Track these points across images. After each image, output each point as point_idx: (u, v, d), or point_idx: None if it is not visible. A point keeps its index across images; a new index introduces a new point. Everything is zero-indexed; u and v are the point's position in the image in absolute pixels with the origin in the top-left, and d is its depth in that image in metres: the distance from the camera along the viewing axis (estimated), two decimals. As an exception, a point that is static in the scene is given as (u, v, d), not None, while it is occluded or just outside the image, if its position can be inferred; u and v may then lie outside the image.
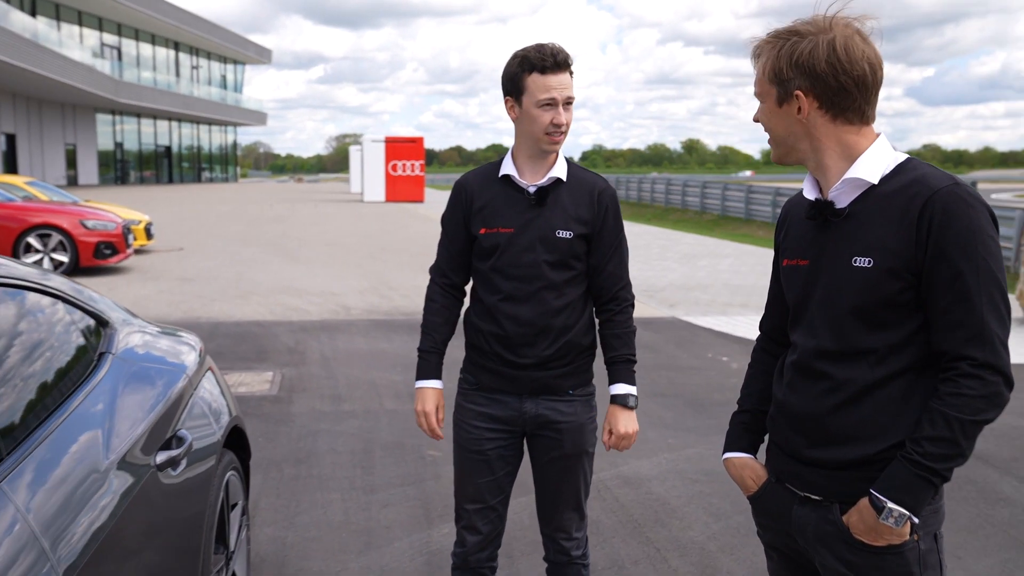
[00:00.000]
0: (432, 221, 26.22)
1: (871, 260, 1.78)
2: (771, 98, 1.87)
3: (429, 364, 2.82)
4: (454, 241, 2.80)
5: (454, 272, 2.83)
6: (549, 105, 2.60)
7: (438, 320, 2.83)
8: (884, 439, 1.80)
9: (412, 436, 5.71)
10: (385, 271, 14.21)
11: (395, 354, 8.15)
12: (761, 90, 1.89)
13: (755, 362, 2.18)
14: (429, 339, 2.83)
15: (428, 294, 2.87)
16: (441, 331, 2.83)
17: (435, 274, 2.87)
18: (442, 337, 2.84)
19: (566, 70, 2.61)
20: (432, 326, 2.83)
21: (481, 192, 2.74)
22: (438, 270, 2.86)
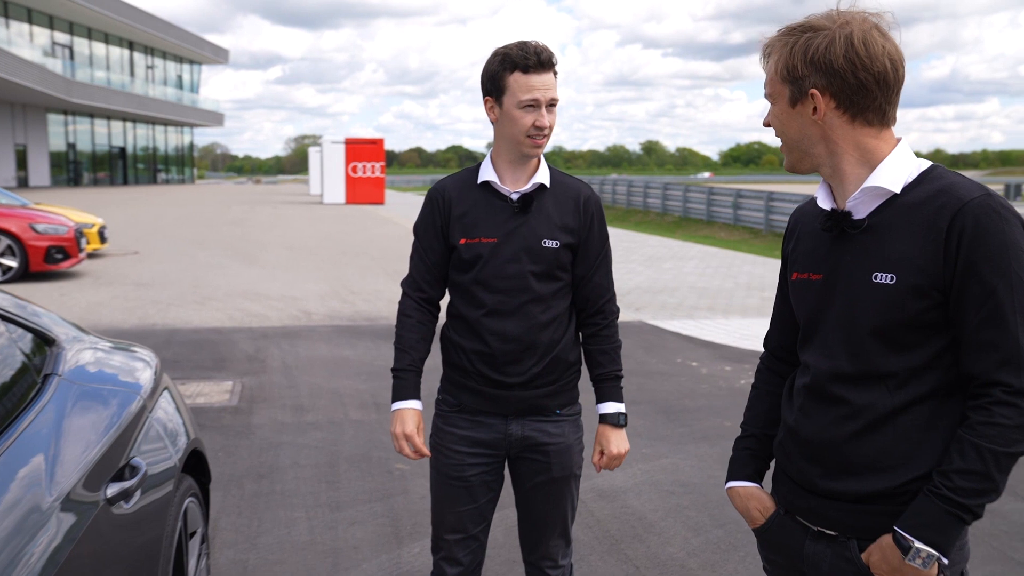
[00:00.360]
0: (393, 224, 25.96)
1: (894, 276, 1.64)
2: (783, 98, 1.72)
3: (407, 383, 2.63)
4: (430, 252, 2.63)
5: (430, 285, 2.66)
6: (531, 106, 2.45)
7: (414, 337, 2.65)
8: (907, 470, 1.66)
9: (378, 448, 5.52)
10: (347, 275, 13.96)
11: (359, 361, 7.94)
12: (772, 90, 1.75)
13: (760, 382, 2.03)
14: (406, 357, 2.64)
15: (402, 309, 2.69)
16: (418, 348, 2.66)
17: (409, 288, 2.69)
18: (419, 355, 2.66)
19: (550, 70, 2.46)
20: (408, 343, 2.65)
21: (460, 199, 2.57)
22: (412, 284, 2.68)
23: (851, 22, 1.65)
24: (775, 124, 1.76)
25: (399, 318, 2.68)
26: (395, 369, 2.64)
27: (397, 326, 2.67)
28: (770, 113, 1.77)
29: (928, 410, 1.65)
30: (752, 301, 11.70)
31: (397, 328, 2.67)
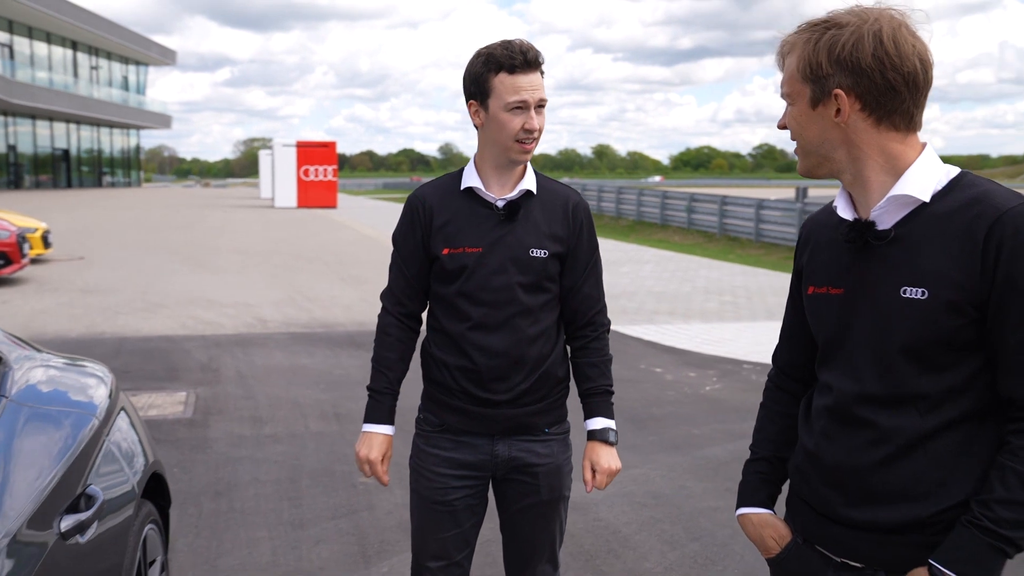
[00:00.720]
0: (347, 228, 25.65)
1: (925, 291, 1.53)
2: (803, 99, 1.61)
3: (381, 406, 2.49)
4: (410, 263, 2.48)
5: (410, 299, 2.51)
6: (519, 108, 2.32)
7: (393, 356, 2.50)
8: (941, 498, 1.55)
9: (341, 462, 5.34)
10: (302, 281, 13.70)
11: (317, 370, 7.73)
12: (791, 90, 1.63)
13: (769, 401, 1.92)
14: (383, 378, 2.50)
15: (381, 325, 2.54)
16: (396, 368, 2.51)
17: (388, 302, 2.54)
18: (397, 376, 2.52)
19: (537, 69, 2.33)
20: (385, 362, 2.50)
21: (442, 207, 2.43)
22: (392, 297, 2.53)
23: (879, 18, 1.55)
24: (792, 126, 1.65)
25: (378, 335, 2.53)
26: (371, 389, 2.51)
27: (376, 343, 2.53)
28: (787, 114, 1.66)
29: (962, 434, 1.55)
30: (711, 305, 11.69)
31: (376, 345, 2.53)
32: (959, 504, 1.54)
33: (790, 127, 1.66)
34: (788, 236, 20.40)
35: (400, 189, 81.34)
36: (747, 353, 8.73)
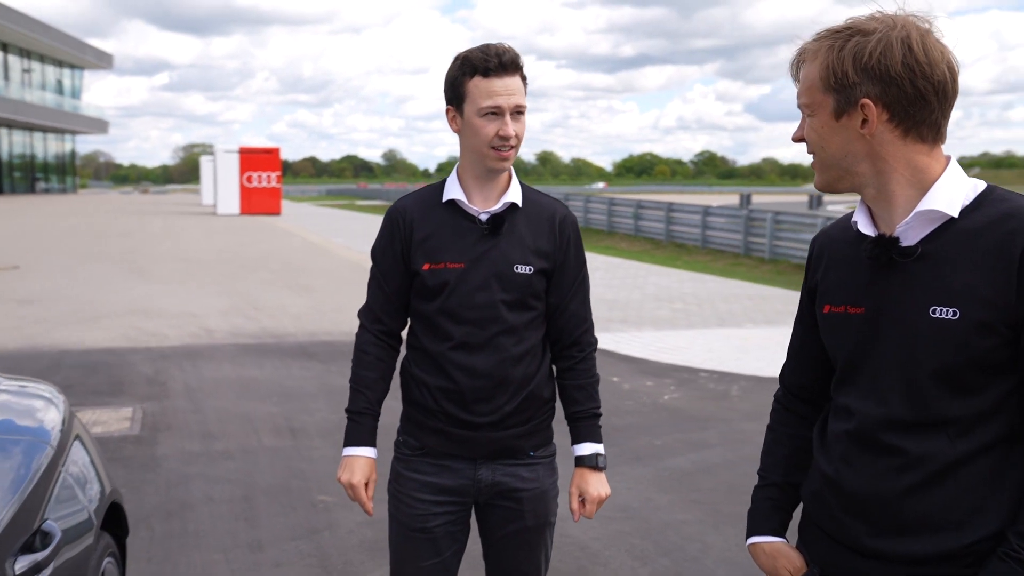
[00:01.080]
0: (293, 235, 25.27)
1: (956, 311, 1.46)
2: (825, 110, 1.53)
3: (362, 428, 2.37)
4: (390, 279, 2.37)
5: (390, 316, 2.39)
6: (494, 114, 2.21)
7: (372, 375, 2.39)
8: (975, 529, 1.48)
9: (298, 478, 5.18)
10: (248, 289, 13.41)
11: (269, 382, 7.53)
12: (811, 100, 1.55)
13: (777, 424, 1.84)
14: (362, 398, 2.38)
15: (359, 344, 2.42)
16: (376, 388, 2.39)
17: (366, 319, 2.42)
18: (377, 396, 2.40)
19: (515, 73, 2.22)
20: (365, 382, 2.38)
21: (423, 220, 2.32)
22: (370, 314, 2.41)
23: (906, 25, 1.48)
24: (812, 139, 1.57)
25: (356, 354, 2.41)
26: (350, 411, 2.38)
27: (354, 362, 2.41)
28: (807, 126, 1.58)
29: (993, 460, 1.49)
30: (663, 312, 11.71)
31: (354, 365, 2.41)
32: (993, 535, 1.48)
33: (809, 139, 1.58)
34: (734, 242, 20.60)
35: (344, 196, 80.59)
36: (702, 361, 8.73)
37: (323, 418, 6.46)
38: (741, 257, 19.79)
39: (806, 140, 1.59)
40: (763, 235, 19.49)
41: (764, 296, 13.43)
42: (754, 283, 15.28)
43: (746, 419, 6.60)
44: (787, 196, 76.10)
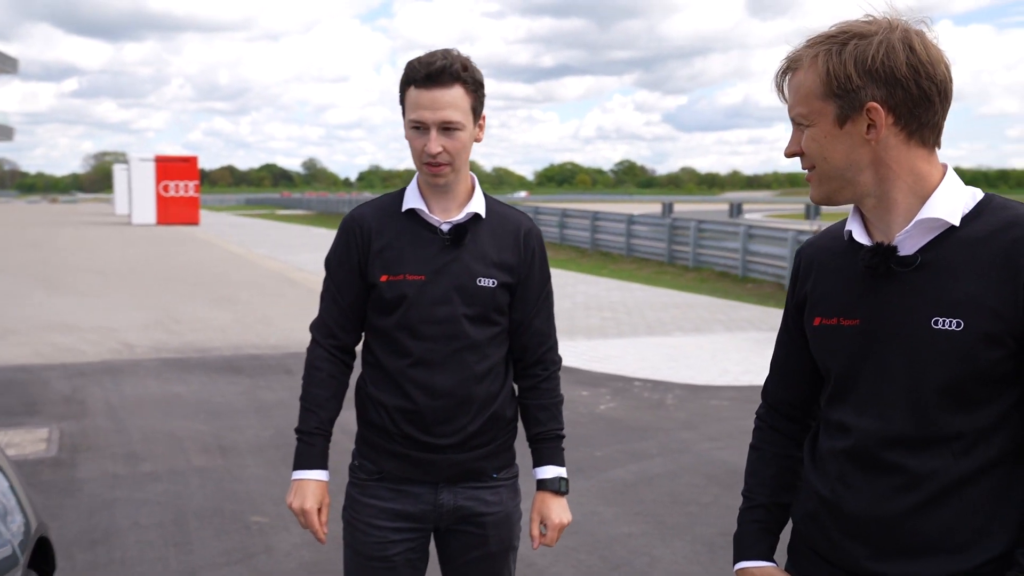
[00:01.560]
0: (214, 246, 24.69)
1: (960, 322, 1.41)
2: (827, 118, 1.47)
3: (312, 449, 2.23)
4: (345, 292, 2.24)
5: (343, 330, 2.27)
6: (417, 128, 2.11)
7: (324, 393, 2.25)
8: (981, 550, 1.43)
9: (231, 500, 4.97)
10: (168, 302, 13.00)
11: (195, 398, 7.27)
12: (809, 109, 1.49)
13: (762, 442, 1.77)
14: (313, 418, 2.24)
15: (310, 360, 2.29)
16: (328, 407, 2.25)
17: (319, 333, 2.29)
18: (329, 415, 2.26)
19: (448, 84, 2.08)
20: (316, 401, 2.25)
21: (381, 230, 2.20)
22: (323, 328, 2.29)
23: (899, 26, 1.43)
24: (812, 150, 1.50)
25: (307, 370, 2.28)
26: (300, 431, 2.25)
27: (304, 379, 2.28)
28: (805, 138, 1.51)
29: (998, 478, 1.44)
30: (593, 321, 11.72)
31: (304, 382, 2.28)
32: (1000, 556, 1.43)
33: (808, 151, 1.51)
34: (658, 251, 20.81)
35: (264, 205, 79.23)
36: (636, 370, 8.73)
37: (254, 435, 6.25)
38: (665, 265, 20.00)
39: (803, 153, 1.52)
40: (687, 243, 19.73)
41: (691, 304, 13.57)
42: (680, 291, 15.44)
43: (683, 428, 6.60)
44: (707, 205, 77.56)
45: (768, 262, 16.68)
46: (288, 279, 16.58)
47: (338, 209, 53.61)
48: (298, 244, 26.09)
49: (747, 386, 8.00)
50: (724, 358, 9.31)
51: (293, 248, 24.44)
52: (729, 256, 18.10)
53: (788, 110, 1.53)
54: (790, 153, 1.54)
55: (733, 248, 17.93)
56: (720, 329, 11.22)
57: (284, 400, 7.18)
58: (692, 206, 71.55)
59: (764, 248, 16.90)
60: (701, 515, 4.84)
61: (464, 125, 2.11)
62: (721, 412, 7.08)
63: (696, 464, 5.73)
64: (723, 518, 4.77)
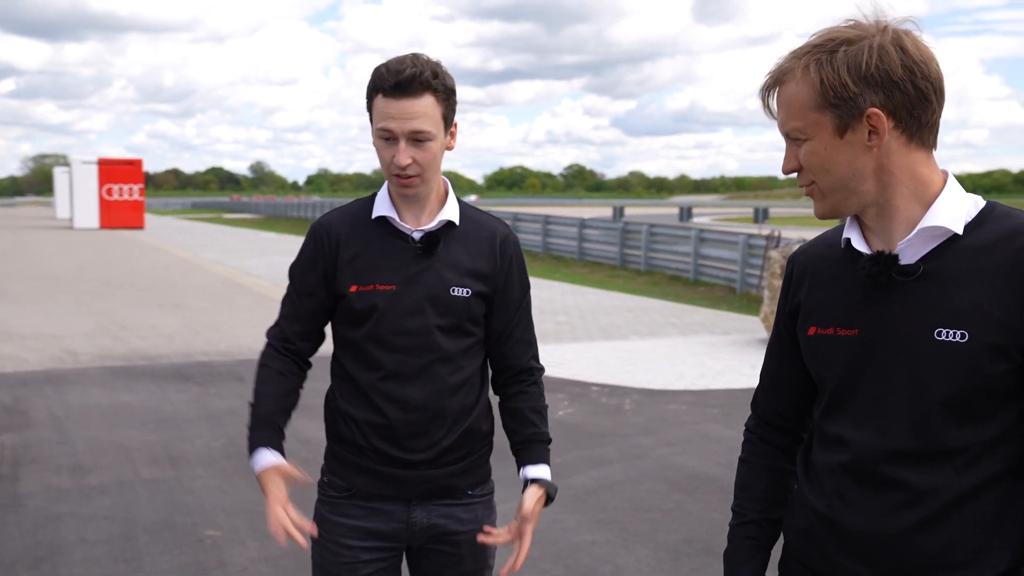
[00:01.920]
0: (160, 251, 24.23)
1: (965, 333, 1.38)
2: (826, 129, 1.42)
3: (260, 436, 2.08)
4: (305, 300, 2.15)
5: (300, 339, 2.17)
6: (388, 139, 2.02)
7: (270, 389, 2.12)
8: (984, 568, 1.39)
9: (182, 512, 4.82)
10: (114, 308, 12.68)
11: (143, 408, 7.06)
12: (805, 123, 1.43)
13: (752, 455, 1.72)
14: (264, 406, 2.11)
15: (262, 359, 2.19)
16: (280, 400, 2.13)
17: (274, 338, 2.19)
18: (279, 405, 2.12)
19: (415, 94, 1.98)
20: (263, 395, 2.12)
21: (350, 238, 2.11)
22: (279, 336, 2.19)
23: (887, 28, 1.40)
24: (813, 163, 1.45)
25: (258, 371, 2.18)
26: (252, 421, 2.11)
27: (256, 379, 2.17)
28: (801, 153, 1.46)
29: (1000, 493, 1.41)
30: (548, 326, 11.68)
31: (256, 383, 2.17)
32: (1005, 573, 1.40)
33: (808, 165, 1.46)
34: (610, 255, 20.88)
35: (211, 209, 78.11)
36: (592, 375, 8.71)
37: (205, 445, 6.09)
38: (618, 269, 20.06)
39: (803, 168, 1.47)
40: (639, 247, 19.81)
41: (644, 308, 13.61)
42: (633, 295, 15.49)
43: (642, 434, 6.58)
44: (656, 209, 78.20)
45: (720, 265, 16.81)
46: (238, 284, 16.30)
47: (286, 213, 52.99)
48: (247, 249, 25.71)
49: (703, 390, 8.01)
50: (680, 362, 9.33)
51: (242, 253, 24.06)
52: (681, 260, 18.22)
53: (780, 125, 1.48)
54: (788, 170, 1.49)
55: (685, 252, 18.05)
56: (674, 333, 11.25)
57: (236, 408, 7.02)
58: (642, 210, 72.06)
59: (715, 252, 17.03)
60: (664, 522, 4.81)
61: (434, 135, 2.02)
62: (679, 417, 7.07)
63: (656, 470, 5.70)
64: (686, 525, 4.75)
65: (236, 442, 6.10)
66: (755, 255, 15.40)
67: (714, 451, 6.10)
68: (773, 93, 1.48)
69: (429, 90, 1.99)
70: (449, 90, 2.04)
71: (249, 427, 2.12)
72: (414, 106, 1.98)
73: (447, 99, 2.04)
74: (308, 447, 5.41)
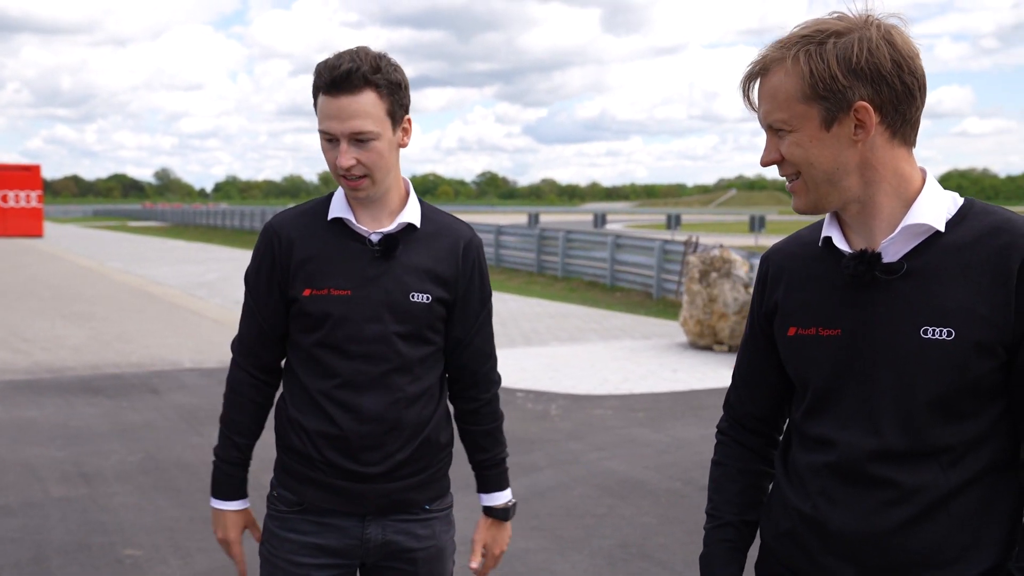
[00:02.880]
0: (61, 259, 23.31)
1: (951, 331, 1.36)
2: (812, 121, 1.40)
3: (232, 480, 2.07)
4: (264, 307, 2.05)
5: (266, 349, 2.08)
6: (331, 141, 1.93)
7: (245, 420, 2.08)
8: (970, 565, 1.39)
9: (98, 532, 4.59)
10: (13, 320, 12.11)
11: (50, 423, 6.73)
12: (791, 114, 1.41)
13: (726, 458, 1.68)
14: (232, 445, 2.07)
15: (231, 382, 2.09)
16: (248, 434, 2.09)
17: (239, 353, 2.10)
18: (249, 442, 2.09)
19: (355, 91, 1.87)
20: (237, 427, 2.07)
21: (304, 240, 2.01)
22: (243, 348, 2.09)
23: (874, 22, 1.38)
24: (797, 156, 1.42)
25: (227, 394, 2.10)
26: (220, 458, 2.08)
27: (225, 403, 2.10)
28: (783, 145, 1.43)
29: (984, 490, 1.40)
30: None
31: (224, 405, 2.10)
32: (989, 570, 1.39)
33: (792, 158, 1.43)
34: (528, 261, 20.91)
35: (115, 216, 75.72)
36: (516, 381, 8.66)
37: (120, 460, 5.83)
38: (535, 275, 20.11)
39: (785, 160, 1.44)
40: (555, 253, 19.90)
41: (564, 314, 13.65)
42: (552, 301, 15.53)
43: (570, 439, 6.56)
44: (570, 216, 78.86)
45: (636, 271, 16.99)
46: (147, 293, 15.77)
47: (195, 221, 51.69)
48: (155, 257, 24.94)
49: (628, 394, 8.06)
50: (602, 367, 9.37)
51: (150, 261, 23.34)
52: (598, 266, 18.36)
53: (762, 117, 1.45)
54: (767, 161, 1.46)
55: (601, 258, 18.19)
56: (595, 338, 11.31)
57: (152, 421, 6.75)
58: (556, 217, 72.59)
59: (632, 257, 17.22)
60: (597, 527, 4.78)
61: (378, 134, 1.91)
62: (606, 421, 7.09)
63: (587, 475, 5.68)
64: (619, 530, 4.73)
65: (154, 456, 5.87)
66: (671, 260, 15.62)
67: (642, 455, 6.11)
68: (755, 84, 1.45)
69: (370, 86, 1.89)
70: (394, 84, 1.93)
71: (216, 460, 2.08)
72: (352, 104, 1.88)
73: (392, 94, 1.93)
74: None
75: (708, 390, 8.12)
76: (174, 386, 8.06)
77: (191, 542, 4.44)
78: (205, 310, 13.68)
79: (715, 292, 10.23)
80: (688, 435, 6.61)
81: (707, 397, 7.81)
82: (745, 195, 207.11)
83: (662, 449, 6.28)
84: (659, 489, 5.40)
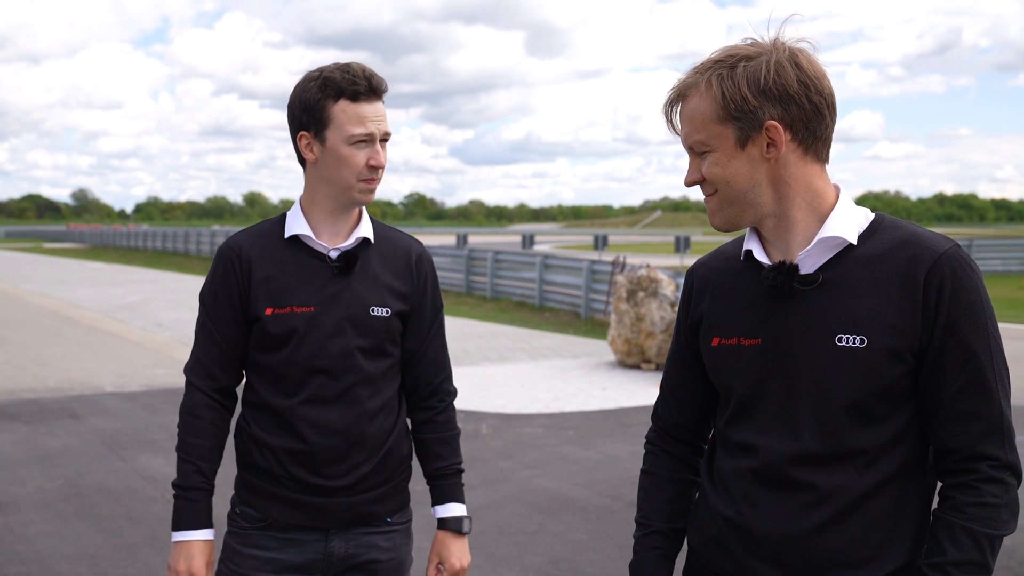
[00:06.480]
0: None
1: (864, 338, 1.44)
2: (727, 141, 1.47)
3: (196, 506, 2.03)
4: (223, 328, 2.05)
5: (224, 371, 2.08)
6: (364, 142, 2.00)
7: (204, 444, 2.06)
8: (881, 563, 1.46)
9: (15, 562, 4.45)
10: (-78, 344, 11.65)
11: (-37, 451, 6.50)
12: (708, 135, 1.48)
13: (655, 467, 1.73)
14: (194, 471, 2.04)
15: (187, 406, 2.08)
16: (210, 459, 2.07)
17: (195, 376, 2.09)
18: (210, 466, 2.07)
19: (381, 97, 2.04)
20: (197, 452, 2.05)
21: (263, 259, 2.04)
22: (200, 369, 2.08)
23: (782, 46, 1.47)
24: (715, 175, 1.50)
25: (184, 418, 2.08)
26: (179, 487, 2.04)
27: (181, 428, 2.07)
28: (704, 165, 1.50)
29: (896, 491, 1.48)
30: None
31: (181, 431, 2.07)
32: (902, 568, 1.46)
33: (711, 177, 1.51)
34: (456, 281, 20.93)
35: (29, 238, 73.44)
36: (447, 400, 8.66)
37: (38, 487, 5.65)
38: (464, 295, 20.14)
39: (706, 180, 1.52)
40: (484, 274, 19.96)
41: (493, 333, 13.69)
42: (481, 321, 15.57)
43: (501, 458, 6.59)
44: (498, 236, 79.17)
45: (564, 291, 17.14)
46: (64, 316, 15.33)
47: (114, 242, 50.45)
48: (72, 280, 24.27)
49: (557, 413, 8.12)
50: (533, 386, 9.42)
51: (67, 284, 22.70)
52: (526, 286, 18.47)
53: (684, 139, 1.53)
54: (690, 181, 1.54)
55: (530, 278, 18.31)
56: (525, 358, 11.37)
57: (71, 447, 6.56)
58: (485, 238, 72.75)
59: (560, 277, 17.36)
60: (528, 544, 4.81)
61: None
62: (536, 440, 7.13)
63: (517, 493, 5.71)
64: (550, 546, 4.77)
65: (74, 483, 5.71)
66: (598, 280, 15.80)
67: (572, 472, 6.17)
68: (676, 108, 1.52)
69: (382, 96, 2.06)
70: None
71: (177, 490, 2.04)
72: (381, 108, 2.05)
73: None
74: (154, 484, 5.12)
75: (636, 407, 8.23)
76: (95, 411, 7.85)
77: (115, 569, 4.34)
78: (127, 333, 13.37)
79: (642, 311, 10.38)
80: (617, 452, 6.68)
81: (636, 414, 7.91)
82: (670, 216, 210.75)
83: (591, 466, 6.34)
84: (589, 505, 5.45)
